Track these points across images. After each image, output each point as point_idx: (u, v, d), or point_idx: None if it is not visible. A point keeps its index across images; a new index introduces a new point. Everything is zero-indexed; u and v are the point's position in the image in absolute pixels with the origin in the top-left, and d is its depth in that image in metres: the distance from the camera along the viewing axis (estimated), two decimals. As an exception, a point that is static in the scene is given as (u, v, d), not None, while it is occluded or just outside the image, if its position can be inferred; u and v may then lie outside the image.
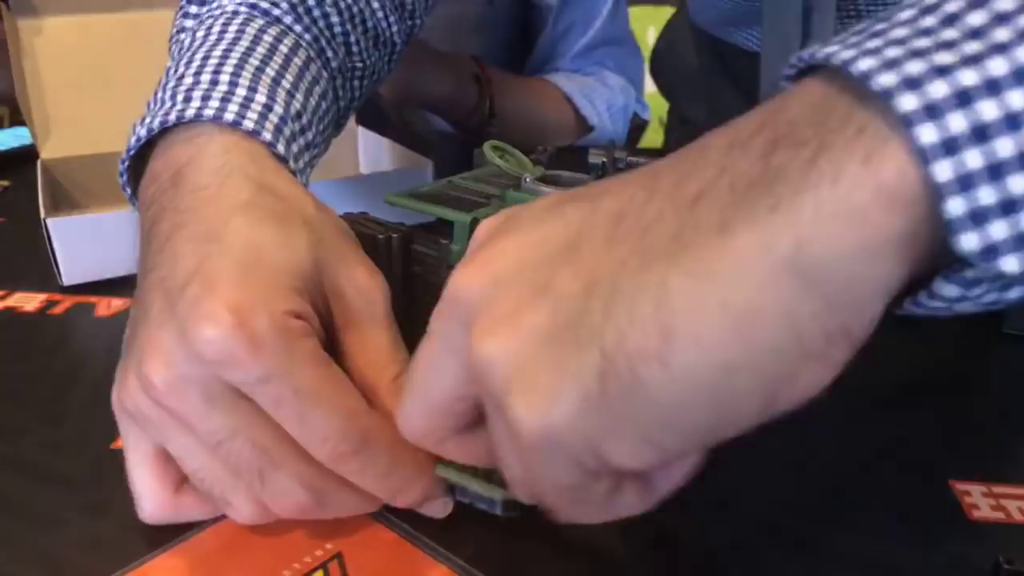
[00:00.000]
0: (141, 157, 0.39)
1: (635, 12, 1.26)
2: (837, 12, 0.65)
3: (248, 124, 0.37)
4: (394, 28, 0.54)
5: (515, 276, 0.23)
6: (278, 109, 0.39)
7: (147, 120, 0.38)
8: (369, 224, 0.37)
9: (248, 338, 0.28)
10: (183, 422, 0.29)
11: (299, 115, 0.41)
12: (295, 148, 0.39)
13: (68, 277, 0.54)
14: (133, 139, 0.38)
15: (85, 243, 0.53)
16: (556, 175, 0.38)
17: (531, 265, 0.22)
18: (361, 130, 0.79)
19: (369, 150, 0.78)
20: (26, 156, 0.73)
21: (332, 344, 0.32)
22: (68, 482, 0.35)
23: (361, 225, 0.36)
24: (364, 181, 0.67)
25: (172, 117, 0.36)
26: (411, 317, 0.37)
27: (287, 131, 0.39)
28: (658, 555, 0.32)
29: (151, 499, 0.32)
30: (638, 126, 1.05)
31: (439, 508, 0.32)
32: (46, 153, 0.68)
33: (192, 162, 0.35)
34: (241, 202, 0.33)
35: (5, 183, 0.77)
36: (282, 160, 0.37)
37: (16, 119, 0.99)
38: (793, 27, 0.64)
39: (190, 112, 0.36)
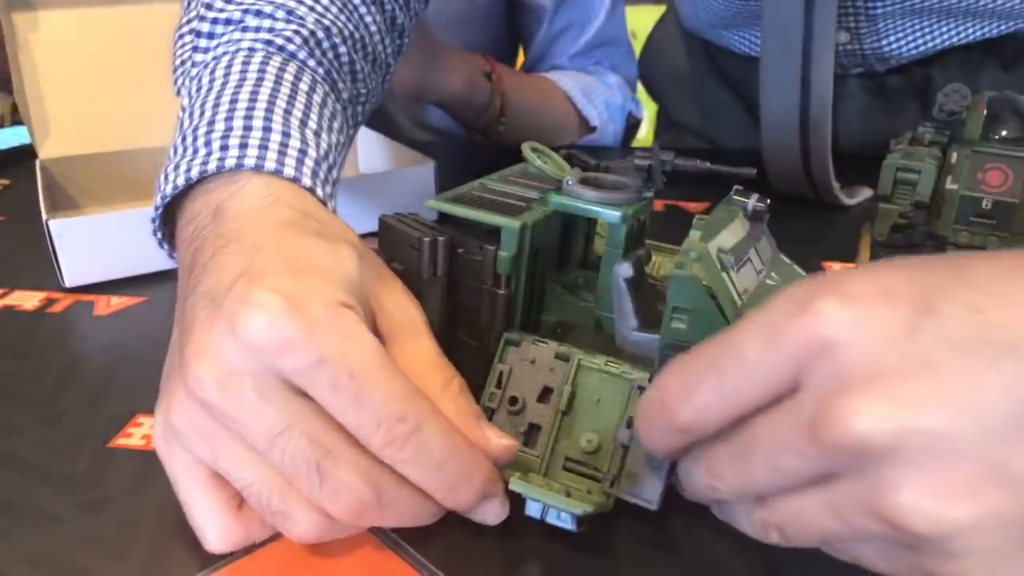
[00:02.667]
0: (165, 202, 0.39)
1: (636, 12, 1.26)
2: (840, 6, 0.65)
3: (288, 172, 0.37)
4: (388, 49, 0.55)
5: (955, 445, 0.21)
6: (312, 153, 0.39)
7: (180, 168, 0.37)
8: (416, 225, 0.36)
9: (302, 321, 0.27)
10: (235, 424, 0.28)
11: (327, 155, 0.41)
12: (328, 189, 0.40)
13: (70, 278, 0.54)
14: (169, 187, 0.37)
15: (87, 244, 0.53)
16: (597, 177, 0.37)
17: (974, 437, 0.21)
18: (361, 129, 0.79)
19: (369, 149, 0.78)
20: (27, 154, 0.73)
21: None
22: (65, 480, 0.35)
23: (407, 225, 0.36)
24: (364, 180, 0.66)
25: (212, 167, 0.37)
26: (452, 322, 0.37)
27: (321, 174, 0.39)
28: (658, 557, 0.32)
29: (215, 523, 0.30)
30: (632, 124, 1.05)
31: (495, 511, 0.31)
32: (44, 152, 0.68)
33: (232, 197, 0.35)
34: (286, 221, 0.33)
35: (5, 182, 0.77)
36: (320, 202, 0.38)
37: (17, 118, 0.99)
38: (795, 23, 0.64)
39: (230, 162, 0.37)
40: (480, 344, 0.36)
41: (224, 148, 0.37)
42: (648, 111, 1.07)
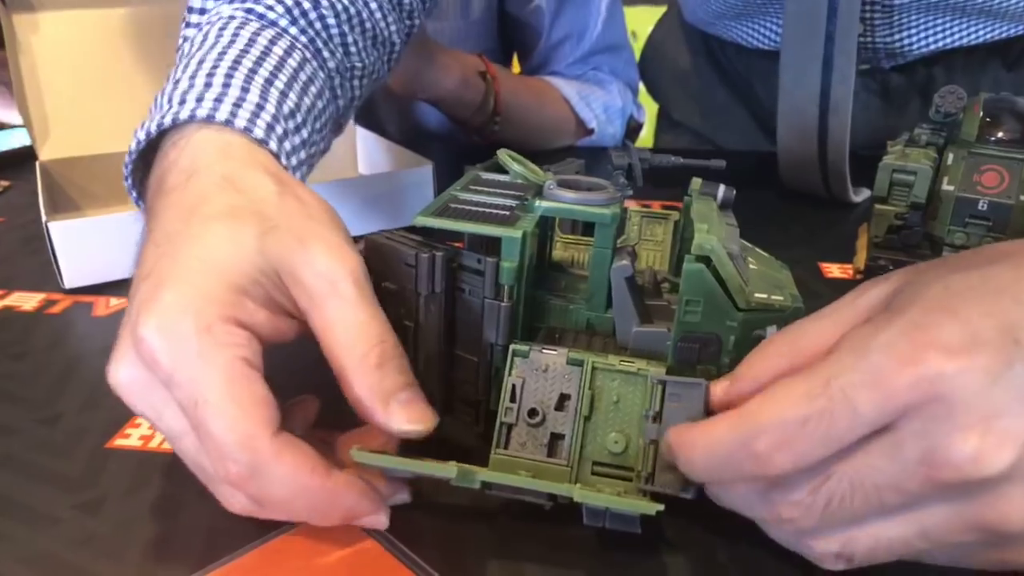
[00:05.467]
0: (149, 160, 0.40)
1: (636, 12, 1.26)
2: None
3: (240, 123, 0.38)
4: (392, 28, 0.55)
5: None
6: (270, 108, 0.40)
7: (146, 124, 0.38)
8: (407, 241, 0.36)
9: (167, 340, 0.29)
10: (148, 419, 0.31)
11: (292, 114, 0.42)
12: (288, 146, 0.40)
13: (69, 280, 0.54)
14: (133, 143, 0.39)
15: (86, 246, 0.53)
16: (575, 180, 0.37)
17: None
18: (359, 130, 0.79)
19: (367, 151, 0.78)
20: (26, 156, 0.73)
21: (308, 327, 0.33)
22: (63, 481, 0.36)
23: (397, 242, 0.35)
24: (363, 182, 0.67)
25: (168, 120, 0.37)
26: (453, 335, 0.36)
27: (279, 129, 0.40)
28: (657, 559, 0.32)
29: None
30: (634, 128, 1.05)
31: (373, 525, 0.32)
32: (44, 154, 0.68)
33: (172, 165, 0.36)
34: (197, 202, 0.33)
35: (6, 183, 0.77)
36: (274, 156, 0.38)
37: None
38: (820, 4, 0.64)
39: (184, 114, 0.37)
40: (481, 359, 0.36)
41: (182, 103, 0.38)
42: (649, 111, 1.07)
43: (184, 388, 0.28)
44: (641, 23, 1.11)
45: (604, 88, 0.99)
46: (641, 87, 1.05)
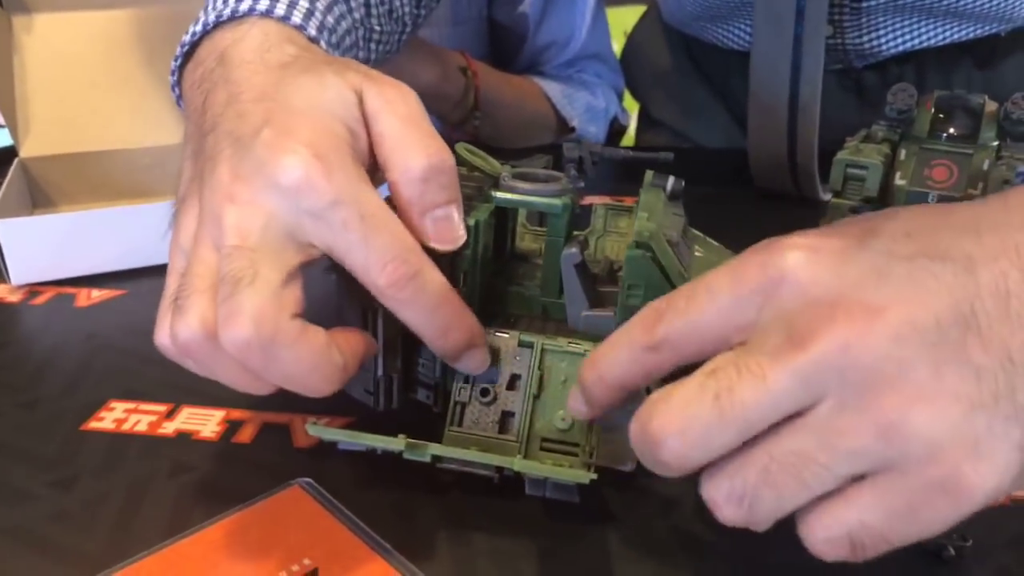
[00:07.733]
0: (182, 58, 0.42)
1: (620, 12, 1.27)
2: None
3: (296, 20, 0.41)
4: (406, 8, 0.59)
5: (919, 339, 0.24)
6: (318, 16, 0.43)
7: (202, 19, 0.41)
8: None
9: (323, 166, 0.30)
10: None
11: (333, 30, 0.45)
12: (337, 55, 0.43)
13: (16, 277, 0.55)
14: (188, 36, 0.42)
15: (34, 244, 0.55)
16: (531, 172, 0.39)
17: (928, 329, 0.24)
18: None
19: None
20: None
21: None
22: (39, 460, 0.37)
23: None
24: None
25: (227, 12, 0.40)
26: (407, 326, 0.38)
27: (326, 35, 0.43)
28: (599, 530, 0.33)
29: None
30: (617, 131, 1.07)
31: (478, 359, 0.34)
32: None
33: (235, 44, 0.38)
34: (285, 64, 0.36)
35: (-5, 180, 0.78)
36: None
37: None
38: (788, 8, 0.66)
39: (243, 7, 0.40)
40: None
41: (239, 0, 0.41)
42: (629, 110, 1.09)
43: (348, 205, 0.30)
44: (626, 23, 1.12)
45: (588, 89, 1.01)
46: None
